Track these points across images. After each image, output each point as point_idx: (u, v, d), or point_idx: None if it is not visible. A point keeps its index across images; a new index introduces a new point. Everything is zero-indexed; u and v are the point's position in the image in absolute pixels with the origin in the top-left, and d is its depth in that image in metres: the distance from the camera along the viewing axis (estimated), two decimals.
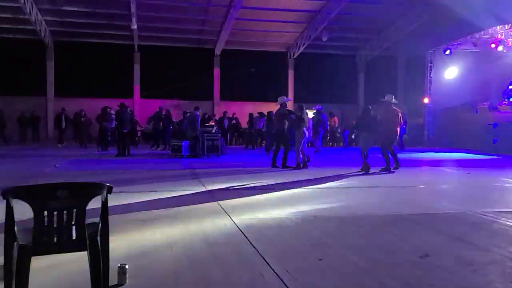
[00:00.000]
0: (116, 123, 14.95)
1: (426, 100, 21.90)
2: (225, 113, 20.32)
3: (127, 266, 3.06)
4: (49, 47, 24.44)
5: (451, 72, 20.33)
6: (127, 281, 3.03)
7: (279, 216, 5.19)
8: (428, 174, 10.57)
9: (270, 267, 3.39)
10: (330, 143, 21.80)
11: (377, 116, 10.38)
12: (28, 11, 19.77)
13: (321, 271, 3.34)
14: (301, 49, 25.75)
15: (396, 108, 10.33)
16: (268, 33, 24.70)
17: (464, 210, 5.65)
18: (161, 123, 17.85)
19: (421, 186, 8.34)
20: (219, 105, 26.30)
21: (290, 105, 13.94)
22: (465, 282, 3.12)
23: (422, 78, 22.13)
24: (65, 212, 2.53)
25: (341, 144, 21.25)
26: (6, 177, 8.29)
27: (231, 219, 5.02)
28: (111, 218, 3.03)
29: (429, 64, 21.51)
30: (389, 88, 26.03)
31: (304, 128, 10.45)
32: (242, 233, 4.40)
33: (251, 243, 4.05)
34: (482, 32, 17.83)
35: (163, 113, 18.10)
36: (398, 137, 10.69)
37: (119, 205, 5.57)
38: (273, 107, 12.69)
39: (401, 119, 10.61)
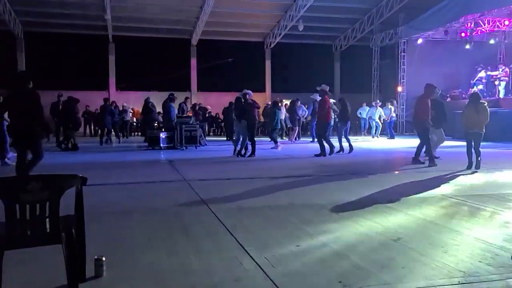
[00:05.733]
0: None
1: (399, 89, 22.41)
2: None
3: (104, 258, 3.03)
4: (19, 38, 23.74)
5: (423, 61, 20.78)
6: (105, 273, 3.01)
7: (259, 205, 5.22)
8: None
9: (249, 255, 3.41)
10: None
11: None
12: None
13: (299, 257, 3.38)
14: (278, 39, 25.72)
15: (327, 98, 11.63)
16: (245, 23, 24.54)
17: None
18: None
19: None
20: (196, 96, 26.10)
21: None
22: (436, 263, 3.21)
23: (395, 67, 22.61)
24: (38, 204, 2.48)
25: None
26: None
27: (209, 208, 5.02)
28: (88, 211, 2.99)
29: (402, 53, 22.00)
30: (364, 77, 26.45)
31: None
32: (221, 222, 4.41)
33: (230, 232, 4.06)
34: (453, 22, 18.34)
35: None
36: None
37: (96, 197, 5.49)
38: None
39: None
